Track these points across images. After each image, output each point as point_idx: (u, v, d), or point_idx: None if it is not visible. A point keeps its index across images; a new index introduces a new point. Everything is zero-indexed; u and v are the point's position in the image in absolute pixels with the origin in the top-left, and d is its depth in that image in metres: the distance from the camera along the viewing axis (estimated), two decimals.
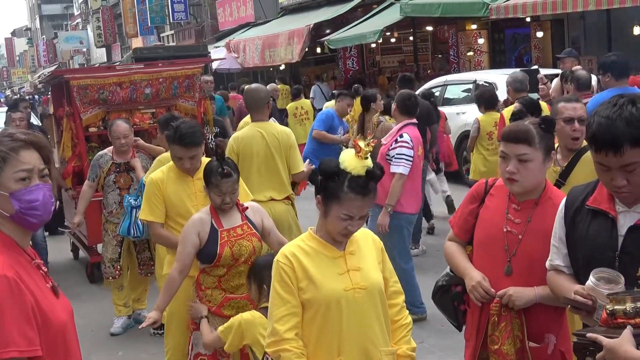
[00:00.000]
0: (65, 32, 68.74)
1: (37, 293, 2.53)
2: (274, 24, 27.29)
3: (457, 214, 3.89)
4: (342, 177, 3.22)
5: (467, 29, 21.10)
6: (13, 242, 2.59)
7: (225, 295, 4.57)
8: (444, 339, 6.33)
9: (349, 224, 3.23)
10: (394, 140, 6.90)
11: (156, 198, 5.19)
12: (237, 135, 6.78)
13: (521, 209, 3.55)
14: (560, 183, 4.65)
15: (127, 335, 7.36)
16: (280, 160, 6.64)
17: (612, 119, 2.70)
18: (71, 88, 8.82)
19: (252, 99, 6.81)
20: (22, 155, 2.56)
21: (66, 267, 10.00)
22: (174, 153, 5.15)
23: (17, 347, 2.39)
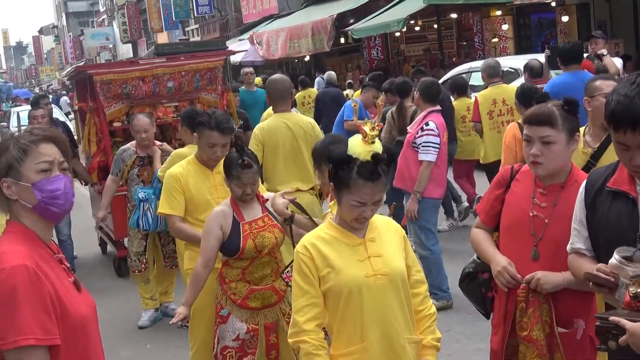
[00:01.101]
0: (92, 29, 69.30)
1: (57, 285, 2.55)
2: (298, 15, 27.26)
3: (483, 201, 3.86)
4: (351, 164, 3.19)
5: (492, 15, 20.92)
6: (34, 235, 2.62)
7: (250, 287, 4.55)
8: (471, 327, 6.29)
9: (362, 210, 3.20)
10: (420, 129, 6.94)
11: (176, 192, 5.19)
12: (262, 126, 6.76)
13: (547, 193, 3.51)
14: (592, 164, 4.56)
15: (154, 328, 7.39)
16: (306, 150, 6.60)
17: (630, 96, 2.67)
18: (94, 83, 8.86)
19: (276, 90, 6.79)
20: (41, 147, 2.61)
21: (94, 262, 10.07)
22: (209, 140, 5.13)
23: (35, 335, 2.42)
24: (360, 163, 3.18)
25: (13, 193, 2.60)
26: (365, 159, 3.18)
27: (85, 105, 9.30)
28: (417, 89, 7.29)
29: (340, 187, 3.22)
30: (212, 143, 5.13)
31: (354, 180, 3.16)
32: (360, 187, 3.16)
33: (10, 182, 2.59)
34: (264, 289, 4.55)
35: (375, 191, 3.19)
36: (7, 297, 2.43)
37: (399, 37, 24.89)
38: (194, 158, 5.32)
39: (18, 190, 2.59)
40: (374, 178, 3.17)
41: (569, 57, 8.13)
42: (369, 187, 3.17)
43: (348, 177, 3.18)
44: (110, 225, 8.97)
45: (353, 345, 3.23)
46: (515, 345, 3.59)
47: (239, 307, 4.55)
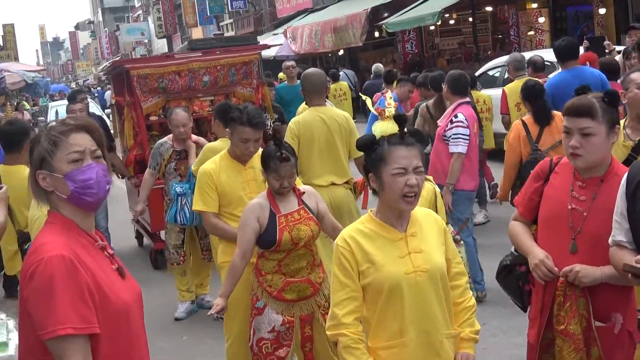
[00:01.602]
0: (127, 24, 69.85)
1: (97, 273, 2.57)
2: (332, 9, 27.25)
3: (521, 193, 3.84)
4: (380, 142, 3.24)
5: (528, 8, 20.75)
6: (73, 224, 2.65)
7: (286, 279, 4.57)
8: (507, 321, 6.26)
9: (407, 178, 3.17)
10: (449, 121, 6.97)
11: (209, 188, 5.22)
12: (297, 120, 6.77)
13: (586, 186, 3.49)
14: (632, 157, 4.52)
15: (190, 320, 7.46)
16: (341, 144, 6.63)
17: None
18: (131, 77, 8.94)
19: (311, 84, 6.79)
20: (72, 137, 2.63)
21: (130, 254, 10.16)
22: (241, 136, 5.15)
23: (72, 325, 2.43)
24: (387, 136, 3.24)
25: (48, 185, 2.63)
26: (391, 131, 3.22)
27: (122, 100, 9.38)
28: (445, 81, 7.31)
29: (377, 166, 3.22)
30: (245, 138, 5.15)
31: (387, 150, 3.19)
32: (395, 152, 3.18)
33: (45, 174, 2.63)
34: (299, 281, 4.57)
35: (411, 155, 3.19)
36: (45, 287, 2.45)
37: (434, 31, 24.78)
38: (226, 153, 5.34)
39: (52, 182, 2.63)
40: (406, 143, 3.20)
41: (565, 54, 8.20)
42: (404, 151, 3.18)
43: (381, 152, 3.21)
44: (147, 218, 9.05)
45: (392, 340, 3.23)
46: (551, 339, 3.57)
47: (274, 299, 4.58)
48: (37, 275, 2.47)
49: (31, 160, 2.66)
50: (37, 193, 2.68)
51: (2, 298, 8.69)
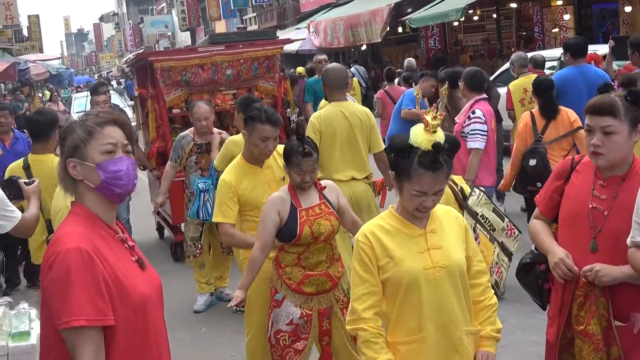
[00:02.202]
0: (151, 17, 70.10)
1: (116, 266, 2.60)
2: (356, 4, 27.21)
3: (542, 192, 3.83)
4: (412, 154, 3.19)
5: (553, 5, 20.62)
6: (94, 216, 2.68)
7: (305, 273, 4.58)
8: (526, 319, 6.25)
9: (423, 200, 3.19)
10: (467, 117, 7.00)
11: (230, 201, 5.12)
12: (319, 114, 6.78)
13: (607, 184, 3.47)
14: None
15: (209, 312, 7.50)
16: (362, 139, 6.67)
17: None
18: (155, 70, 8.99)
19: (333, 78, 6.80)
20: (107, 129, 2.68)
21: (151, 246, 10.22)
22: (261, 134, 5.09)
23: (86, 316, 2.47)
24: (421, 152, 3.17)
25: (78, 173, 2.67)
26: (426, 149, 3.18)
27: (146, 92, 9.43)
28: (462, 78, 7.35)
29: (401, 176, 3.23)
30: (265, 136, 5.09)
31: (414, 169, 3.16)
32: (421, 176, 3.16)
33: (76, 162, 2.67)
34: (318, 274, 4.58)
35: (436, 181, 3.18)
36: (62, 279, 2.49)
37: (457, 27, 24.70)
38: (242, 159, 5.26)
39: (83, 171, 2.66)
40: (435, 167, 3.16)
41: (575, 51, 8.81)
42: (429, 177, 3.16)
43: (409, 167, 3.18)
44: (167, 211, 9.10)
45: (411, 335, 3.25)
46: (571, 338, 3.56)
47: (293, 292, 4.59)
48: (55, 266, 2.51)
49: (63, 148, 2.71)
50: (65, 181, 2.72)
51: (24, 287, 8.77)
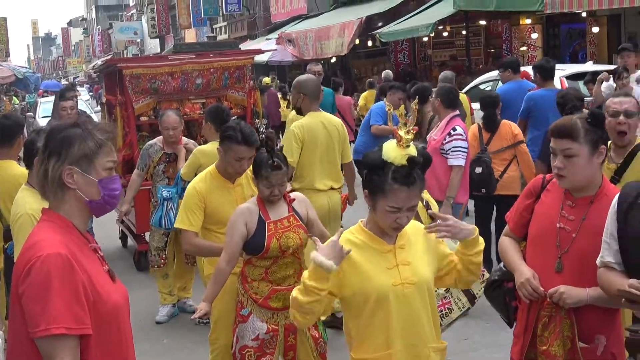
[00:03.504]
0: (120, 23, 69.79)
1: (92, 274, 2.57)
2: (326, 17, 27.28)
3: (513, 209, 3.84)
4: (386, 169, 3.16)
5: (521, 24, 20.80)
6: (70, 224, 2.65)
7: (272, 287, 4.54)
8: (490, 336, 6.26)
9: (397, 216, 3.17)
10: (447, 134, 6.95)
11: (197, 209, 5.06)
12: (301, 124, 6.76)
13: (576, 205, 3.48)
14: (615, 180, 4.57)
15: (172, 324, 7.41)
16: (338, 150, 6.82)
17: None
18: (124, 77, 8.91)
19: (312, 88, 6.87)
20: (110, 146, 2.69)
21: (114, 255, 10.10)
22: (236, 154, 5.00)
23: (66, 324, 2.43)
24: (395, 168, 3.15)
25: (73, 182, 2.63)
26: (400, 164, 3.15)
27: (114, 99, 9.35)
28: (436, 95, 7.36)
29: (375, 192, 3.19)
30: (240, 157, 5.01)
31: (389, 185, 3.13)
32: (396, 192, 3.13)
33: (76, 172, 2.62)
34: (285, 289, 4.53)
35: (411, 196, 3.16)
36: (41, 285, 2.45)
37: (427, 42, 24.82)
38: (215, 170, 5.20)
39: (81, 182, 2.63)
40: (410, 183, 3.14)
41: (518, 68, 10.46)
42: (404, 192, 3.14)
43: (383, 183, 3.15)
44: (132, 219, 9.01)
45: (378, 351, 3.22)
46: (534, 358, 3.57)
47: (260, 306, 4.54)
48: (34, 271, 2.46)
49: (62, 152, 2.62)
50: (47, 186, 2.66)
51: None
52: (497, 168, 7.75)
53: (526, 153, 7.91)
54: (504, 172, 7.81)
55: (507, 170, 7.82)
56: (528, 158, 7.87)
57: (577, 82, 12.22)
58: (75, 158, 2.62)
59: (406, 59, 25.45)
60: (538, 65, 9.58)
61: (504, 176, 7.81)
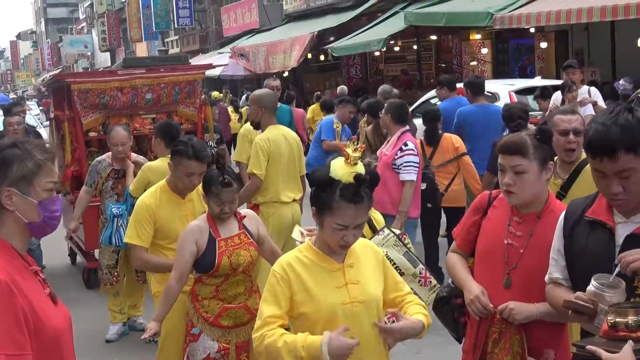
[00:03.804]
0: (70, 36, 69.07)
1: (32, 298, 2.51)
2: (278, 31, 27.33)
3: (460, 225, 3.86)
4: (333, 187, 3.15)
5: (471, 39, 21.08)
6: (9, 246, 2.59)
7: (223, 305, 4.50)
8: (441, 351, 6.26)
9: (345, 234, 3.16)
10: (399, 149, 6.99)
11: (147, 223, 5.01)
12: (266, 137, 6.81)
13: (523, 222, 3.51)
14: (561, 196, 4.63)
15: (122, 342, 7.31)
16: (298, 162, 6.98)
17: (607, 125, 2.72)
18: (72, 92, 8.79)
19: (271, 102, 6.99)
20: (50, 166, 2.62)
21: (63, 272, 9.95)
22: (187, 170, 4.95)
23: (5, 351, 2.37)
24: (342, 185, 3.15)
25: (12, 204, 2.56)
26: (347, 181, 3.15)
27: (62, 114, 9.22)
28: (386, 110, 7.39)
29: (322, 209, 3.18)
30: (191, 172, 4.97)
31: (336, 202, 3.13)
32: (343, 209, 3.12)
33: (15, 193, 2.56)
34: (236, 307, 4.50)
35: (358, 214, 3.15)
36: None
37: (379, 57, 25.00)
38: (165, 185, 5.15)
39: (20, 204, 2.57)
40: (357, 200, 3.14)
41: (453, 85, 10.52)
42: (351, 210, 3.13)
43: (330, 200, 3.14)
44: (81, 236, 8.87)
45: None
46: None
47: (210, 325, 4.50)
48: None
49: (1, 174, 2.56)
50: None
51: None
52: (442, 182, 7.96)
53: (470, 164, 8.10)
54: (448, 185, 8.06)
55: (451, 183, 8.08)
56: (472, 169, 8.10)
57: (526, 96, 12.38)
58: (14, 180, 2.55)
59: (358, 73, 25.60)
60: (468, 82, 9.95)
61: (449, 190, 8.07)
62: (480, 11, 16.11)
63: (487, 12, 15.72)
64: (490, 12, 15.63)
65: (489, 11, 15.68)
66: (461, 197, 8.14)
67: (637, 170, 2.72)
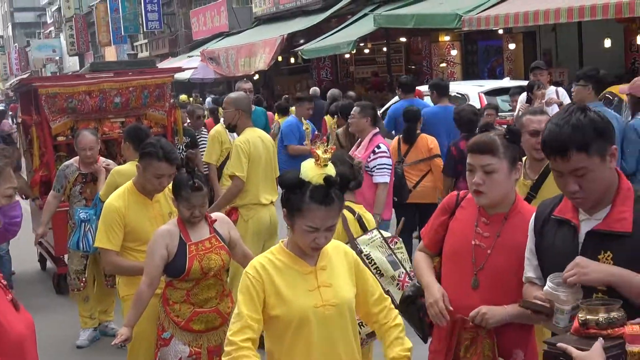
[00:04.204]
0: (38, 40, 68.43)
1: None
2: (248, 34, 27.27)
3: (428, 226, 3.85)
4: (303, 189, 3.14)
5: (440, 41, 21.16)
6: None
7: (194, 310, 4.48)
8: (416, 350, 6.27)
9: (316, 236, 3.14)
10: (372, 152, 7.02)
11: (117, 226, 4.96)
12: (246, 139, 6.83)
13: (490, 222, 3.51)
14: (531, 196, 4.65)
15: (93, 348, 7.24)
16: (274, 164, 7.06)
17: (560, 125, 2.80)
18: (40, 96, 8.71)
19: (248, 105, 7.12)
20: (9, 171, 2.60)
21: (33, 278, 9.86)
22: (156, 171, 4.91)
23: None
24: (312, 187, 3.13)
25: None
26: (317, 183, 3.13)
27: (30, 118, 9.14)
28: (365, 113, 7.36)
29: (293, 212, 3.16)
30: (160, 174, 4.93)
31: (306, 205, 3.11)
32: (314, 211, 3.11)
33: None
34: (208, 311, 4.48)
35: (329, 216, 3.14)
36: None
37: (349, 59, 25.03)
38: (132, 186, 5.10)
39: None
40: (327, 202, 3.12)
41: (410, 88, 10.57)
42: (322, 212, 3.11)
43: (300, 202, 3.12)
44: (50, 242, 8.79)
45: None
46: None
47: (182, 329, 4.47)
48: None
49: None
50: None
51: None
52: (412, 178, 8.30)
53: (440, 166, 8.25)
54: (418, 182, 8.33)
55: (422, 180, 8.34)
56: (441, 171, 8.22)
57: (495, 97, 12.45)
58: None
59: (329, 75, 25.61)
60: (433, 83, 10.50)
61: (418, 186, 8.31)
62: (449, 13, 16.17)
63: (456, 14, 15.77)
64: (458, 14, 15.68)
65: (458, 13, 15.73)
66: (432, 194, 8.33)
67: (590, 169, 2.78)
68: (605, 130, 2.81)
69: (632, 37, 15.94)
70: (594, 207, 2.89)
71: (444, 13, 16.49)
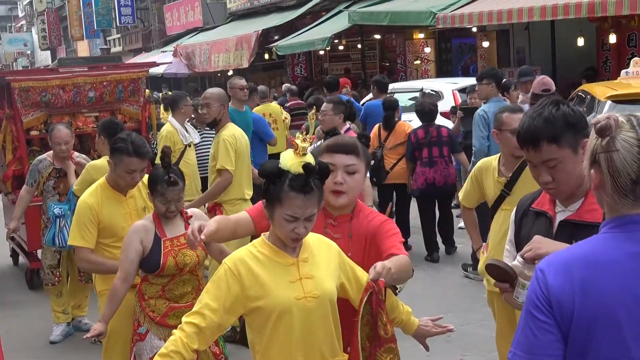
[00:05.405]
0: (9, 34, 67.72)
1: None
2: (222, 30, 27.19)
3: None
4: (283, 178, 3.15)
5: (415, 38, 21.24)
6: None
7: (170, 305, 4.47)
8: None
9: (295, 226, 3.14)
10: None
11: (90, 224, 4.92)
12: (232, 134, 6.82)
13: (338, 224, 3.57)
14: (505, 193, 4.70)
15: (66, 343, 7.20)
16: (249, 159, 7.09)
17: (533, 117, 2.92)
18: (12, 90, 8.64)
19: (227, 100, 7.23)
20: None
21: (5, 273, 9.79)
22: (128, 167, 4.88)
23: None
24: (292, 176, 3.14)
25: None
26: (296, 172, 3.14)
27: (2, 112, 9.06)
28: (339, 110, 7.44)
29: (272, 202, 3.16)
30: (132, 169, 4.90)
31: (285, 193, 3.11)
32: (292, 199, 3.10)
33: None
34: (184, 306, 4.46)
35: (308, 205, 3.13)
36: None
37: (323, 56, 25.02)
38: (105, 183, 5.06)
39: None
40: (306, 190, 3.12)
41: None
42: (300, 200, 3.11)
43: (280, 191, 3.12)
44: (23, 237, 8.73)
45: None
46: None
47: (157, 324, 4.46)
48: None
49: None
50: None
51: None
52: (391, 161, 9.39)
53: None
54: (395, 164, 9.36)
55: (398, 163, 9.36)
56: None
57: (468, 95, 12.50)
58: None
59: (303, 72, 25.60)
60: (375, 80, 11.46)
61: (395, 167, 9.34)
62: (423, 10, 16.23)
63: (430, 12, 15.85)
64: (433, 12, 15.75)
65: (432, 10, 15.80)
66: (405, 175, 9.37)
67: (561, 160, 2.88)
68: (578, 124, 2.90)
69: (604, 36, 16.10)
70: (568, 199, 3.00)
71: (418, 11, 16.55)
